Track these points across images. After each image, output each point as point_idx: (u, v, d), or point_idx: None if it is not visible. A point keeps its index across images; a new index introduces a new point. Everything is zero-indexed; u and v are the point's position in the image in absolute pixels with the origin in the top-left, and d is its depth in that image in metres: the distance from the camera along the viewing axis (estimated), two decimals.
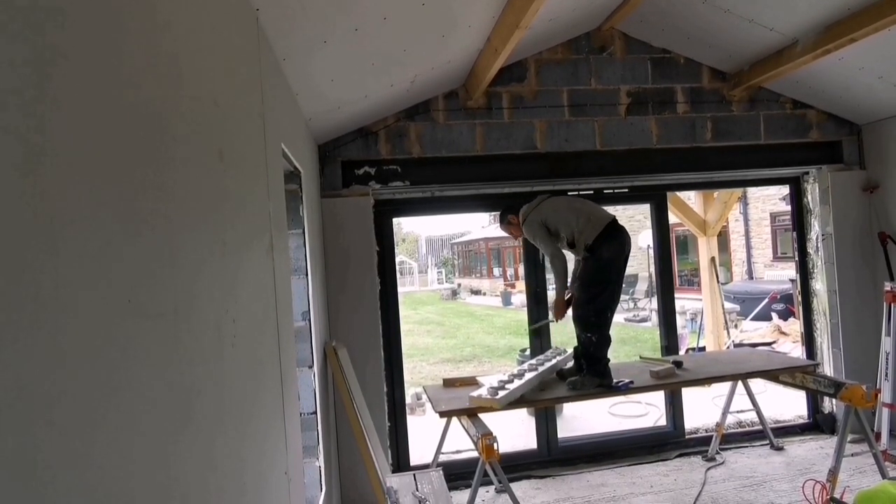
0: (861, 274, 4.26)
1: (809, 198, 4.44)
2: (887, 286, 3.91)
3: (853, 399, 3.05)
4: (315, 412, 2.80)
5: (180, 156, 1.06)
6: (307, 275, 2.82)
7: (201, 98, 1.22)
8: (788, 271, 10.65)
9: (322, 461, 2.80)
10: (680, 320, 8.09)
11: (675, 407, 4.39)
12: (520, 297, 16.15)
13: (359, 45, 2.57)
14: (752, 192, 14.16)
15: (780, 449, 4.19)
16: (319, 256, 3.44)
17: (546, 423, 4.19)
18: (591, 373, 3.18)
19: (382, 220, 3.96)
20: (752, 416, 4.37)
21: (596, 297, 3.15)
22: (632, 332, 11.40)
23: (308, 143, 3.22)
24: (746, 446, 4.29)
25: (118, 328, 0.77)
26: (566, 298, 3.38)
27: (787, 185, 4.63)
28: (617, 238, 3.15)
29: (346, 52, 2.58)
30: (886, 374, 3.89)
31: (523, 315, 4.45)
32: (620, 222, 3.32)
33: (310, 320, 2.80)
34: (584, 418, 5.36)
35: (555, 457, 4.14)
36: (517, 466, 3.97)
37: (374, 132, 3.78)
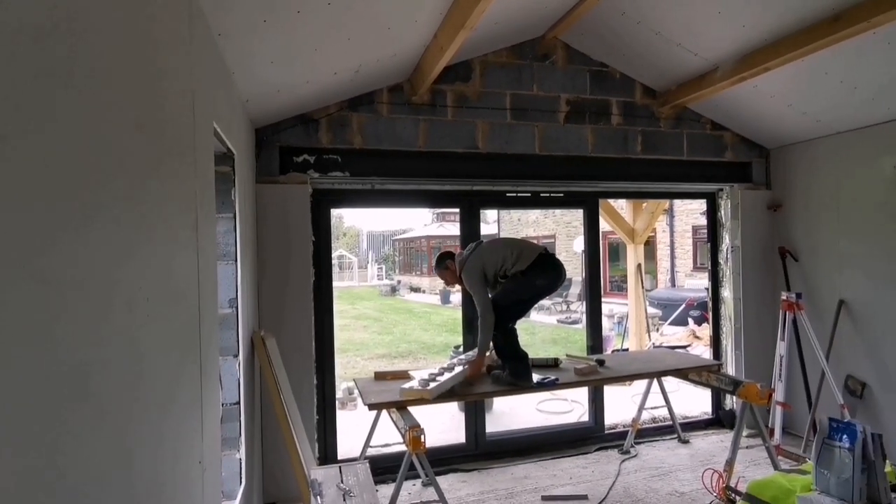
0: (762, 284, 4.70)
1: (722, 213, 4.83)
2: (783, 295, 4.33)
3: (749, 396, 3.35)
4: (238, 402, 2.71)
5: (92, 123, 1.00)
6: (236, 261, 2.72)
7: (117, 64, 1.16)
8: (706, 280, 11.49)
9: (244, 453, 2.72)
10: (608, 323, 8.53)
11: (597, 404, 4.63)
12: (458, 296, 16.31)
13: (301, 27, 2.51)
14: (678, 205, 15.15)
15: (686, 442, 4.53)
16: (251, 243, 3.32)
17: (475, 418, 4.29)
18: (510, 368, 3.35)
19: (320, 210, 3.89)
20: (665, 412, 4.69)
21: (509, 308, 3.35)
22: (563, 333, 11.87)
23: (244, 126, 3.11)
24: (658, 440, 4.60)
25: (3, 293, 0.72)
26: (486, 364, 3.51)
27: (705, 200, 5.00)
28: (555, 269, 3.41)
29: (287, 33, 2.51)
30: (780, 375, 4.31)
31: (460, 313, 4.52)
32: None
33: (237, 307, 2.71)
34: (513, 414, 5.53)
35: (482, 451, 4.24)
36: (445, 460, 4.04)
37: (316, 120, 3.71)
